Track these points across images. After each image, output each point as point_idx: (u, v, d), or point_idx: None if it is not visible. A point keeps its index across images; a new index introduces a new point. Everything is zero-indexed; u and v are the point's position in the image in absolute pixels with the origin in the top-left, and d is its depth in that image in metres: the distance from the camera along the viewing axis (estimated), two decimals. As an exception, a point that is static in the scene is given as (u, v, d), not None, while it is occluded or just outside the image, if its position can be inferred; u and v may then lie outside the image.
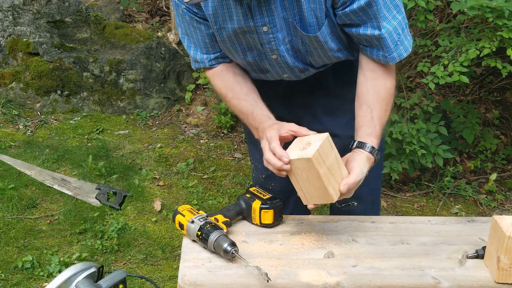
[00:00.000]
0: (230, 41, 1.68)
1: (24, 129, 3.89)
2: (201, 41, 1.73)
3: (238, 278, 1.45)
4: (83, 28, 4.43)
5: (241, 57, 1.73)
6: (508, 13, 2.63)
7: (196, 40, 1.74)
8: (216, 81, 1.81)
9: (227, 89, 1.79)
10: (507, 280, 1.45)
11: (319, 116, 1.94)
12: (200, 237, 1.53)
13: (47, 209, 3.09)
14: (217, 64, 1.78)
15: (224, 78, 1.79)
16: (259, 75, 1.83)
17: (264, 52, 1.70)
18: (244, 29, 1.63)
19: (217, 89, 1.82)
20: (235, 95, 1.77)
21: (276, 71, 1.78)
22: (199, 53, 1.76)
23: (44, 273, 2.60)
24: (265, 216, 1.66)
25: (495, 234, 1.46)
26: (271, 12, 1.59)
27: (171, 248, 2.85)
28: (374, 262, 1.52)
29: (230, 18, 1.61)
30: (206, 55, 1.76)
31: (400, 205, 3.34)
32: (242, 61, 1.76)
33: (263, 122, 1.68)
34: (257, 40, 1.66)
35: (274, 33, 1.64)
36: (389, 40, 1.63)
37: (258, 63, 1.75)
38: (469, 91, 4.21)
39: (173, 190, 3.36)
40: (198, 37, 1.72)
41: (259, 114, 1.72)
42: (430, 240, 1.64)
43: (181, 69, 4.43)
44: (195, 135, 3.97)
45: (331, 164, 1.51)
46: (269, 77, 1.83)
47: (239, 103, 1.76)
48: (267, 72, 1.80)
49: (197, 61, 1.78)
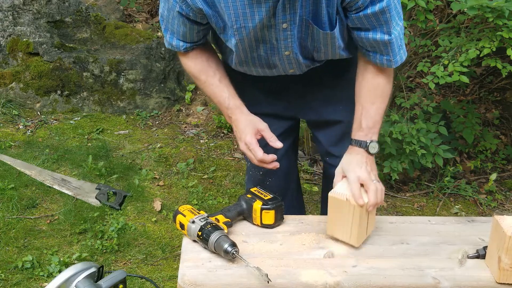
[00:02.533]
0: (247, 38, 1.69)
1: (24, 129, 3.89)
2: (181, 33, 1.77)
3: (238, 278, 1.45)
4: (83, 28, 4.43)
5: (253, 51, 1.75)
6: (508, 13, 2.63)
7: (175, 30, 1.77)
8: (189, 63, 1.86)
9: (200, 72, 1.85)
10: (508, 281, 1.45)
11: (315, 107, 1.99)
12: (200, 237, 1.53)
13: (47, 209, 3.09)
14: (192, 49, 1.83)
15: (197, 61, 1.85)
16: (264, 70, 1.84)
17: (277, 47, 1.72)
18: (264, 25, 1.64)
19: (190, 70, 1.87)
20: (208, 80, 1.84)
21: (284, 66, 1.80)
22: (175, 39, 1.80)
23: (44, 273, 2.60)
24: (266, 217, 1.66)
25: (496, 234, 1.46)
26: (294, 10, 1.61)
27: (171, 248, 2.85)
28: (374, 262, 1.52)
29: (252, 17, 1.62)
30: (182, 42, 1.80)
31: (400, 205, 3.34)
32: (250, 55, 1.77)
33: (235, 110, 1.80)
34: (273, 35, 1.68)
35: (292, 30, 1.66)
36: (395, 45, 1.69)
37: (268, 58, 1.77)
38: (469, 91, 4.21)
39: (173, 190, 3.36)
40: (179, 29, 1.76)
41: (232, 102, 1.80)
42: (430, 240, 1.64)
43: (181, 69, 4.43)
44: (195, 135, 3.97)
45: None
46: (274, 73, 1.85)
47: (212, 88, 1.84)
48: (274, 67, 1.82)
49: (172, 45, 1.82)
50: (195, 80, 1.89)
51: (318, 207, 3.23)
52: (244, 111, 1.80)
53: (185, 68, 1.90)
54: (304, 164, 3.61)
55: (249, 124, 1.77)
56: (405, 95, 3.42)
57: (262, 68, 1.83)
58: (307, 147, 3.68)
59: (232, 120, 1.81)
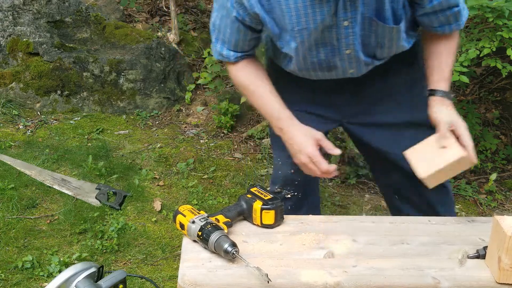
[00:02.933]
0: (308, 40, 1.69)
1: (24, 129, 3.89)
2: (233, 42, 1.77)
3: (238, 278, 1.45)
4: (83, 28, 4.43)
5: (313, 54, 1.75)
6: (508, 13, 2.63)
7: (227, 39, 1.77)
8: (239, 73, 1.85)
9: (249, 83, 1.84)
10: (508, 281, 1.45)
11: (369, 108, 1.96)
12: (200, 237, 1.52)
13: (47, 209, 3.09)
14: (242, 59, 1.82)
15: (246, 71, 1.84)
16: (323, 73, 1.83)
17: (338, 47, 1.72)
18: (325, 24, 1.64)
19: (239, 80, 1.86)
20: (258, 90, 1.83)
21: (344, 67, 1.79)
22: (226, 49, 1.80)
23: (44, 273, 2.60)
24: (266, 217, 1.66)
25: (496, 234, 1.46)
26: (355, 7, 1.62)
27: (171, 248, 2.85)
28: (374, 262, 1.52)
29: (314, 18, 1.62)
30: (233, 52, 1.80)
31: (400, 205, 3.34)
32: (310, 60, 1.77)
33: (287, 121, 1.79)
34: (334, 35, 1.68)
35: (354, 28, 1.66)
36: (462, 10, 1.76)
37: (328, 59, 1.76)
38: (469, 91, 4.21)
39: (173, 190, 3.36)
40: (231, 38, 1.76)
41: (283, 113, 1.79)
42: (430, 240, 1.64)
43: (181, 69, 4.43)
44: (195, 135, 3.97)
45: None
46: (333, 75, 1.84)
47: (262, 99, 1.83)
48: (334, 69, 1.81)
49: (223, 55, 1.82)
50: (243, 90, 1.89)
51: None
52: (296, 122, 1.79)
53: (233, 79, 1.90)
54: (304, 164, 3.61)
55: (307, 135, 1.76)
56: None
57: (322, 72, 1.82)
58: (307, 147, 3.67)
59: (284, 131, 1.79)
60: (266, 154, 3.71)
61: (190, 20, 5.17)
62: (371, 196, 3.41)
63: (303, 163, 1.77)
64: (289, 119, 1.79)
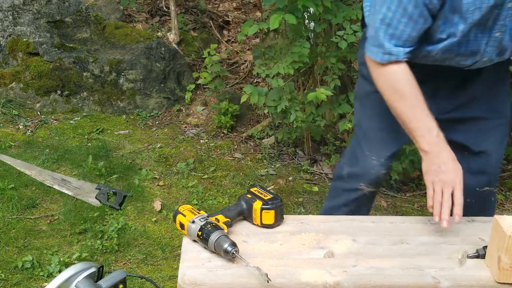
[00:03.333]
0: (474, 21, 1.63)
1: (24, 129, 3.89)
2: (405, 35, 1.67)
3: (238, 277, 1.45)
4: (83, 28, 4.43)
5: (468, 37, 1.68)
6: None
7: (398, 33, 1.67)
8: (399, 77, 1.72)
9: (410, 89, 1.71)
10: (508, 280, 1.45)
11: (463, 104, 1.93)
12: (200, 237, 1.53)
13: (47, 209, 3.09)
14: (406, 59, 1.72)
15: (408, 75, 1.71)
16: (462, 58, 1.77)
17: (490, 29, 1.66)
18: (495, 4, 1.60)
19: (398, 83, 1.73)
20: (416, 99, 1.70)
21: (485, 51, 1.73)
22: (394, 46, 1.68)
23: (44, 273, 2.60)
24: (266, 217, 1.66)
25: (496, 234, 1.46)
26: None
27: (171, 248, 2.85)
28: (374, 262, 1.52)
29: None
30: (402, 48, 1.69)
31: (400, 205, 3.34)
32: (462, 43, 1.70)
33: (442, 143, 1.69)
34: (493, 16, 1.63)
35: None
36: None
37: (477, 42, 1.70)
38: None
39: (173, 190, 3.36)
40: (405, 29, 1.66)
41: (440, 132, 1.69)
42: (430, 240, 1.64)
43: (181, 69, 4.43)
44: (195, 135, 3.97)
45: None
46: (467, 62, 1.78)
47: (417, 110, 1.70)
48: (474, 54, 1.75)
49: (391, 53, 1.69)
50: (394, 94, 1.74)
51: (318, 207, 3.23)
52: (448, 146, 1.69)
53: (388, 80, 1.75)
54: (304, 164, 3.61)
55: (458, 165, 1.68)
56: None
57: (461, 57, 1.76)
58: (307, 147, 3.68)
59: (435, 152, 1.68)
60: (266, 154, 3.71)
61: (190, 20, 5.17)
62: (371, 196, 3.41)
63: (435, 191, 1.67)
64: (443, 141, 1.69)
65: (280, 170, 3.60)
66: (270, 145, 3.80)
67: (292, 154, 3.74)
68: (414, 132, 1.71)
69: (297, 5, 2.92)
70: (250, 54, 4.77)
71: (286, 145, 3.81)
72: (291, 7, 2.99)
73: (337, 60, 3.18)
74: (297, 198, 3.32)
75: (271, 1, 3.03)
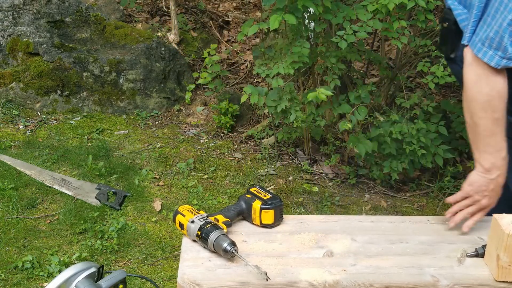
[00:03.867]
0: None
1: (24, 129, 3.89)
2: None
3: (237, 277, 1.45)
4: (83, 28, 4.43)
5: None
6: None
7: None
8: (502, 90, 1.62)
9: (502, 106, 1.62)
10: (507, 278, 1.45)
11: None
12: (200, 236, 1.53)
13: (47, 209, 3.10)
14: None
15: (506, 90, 1.61)
16: None
17: None
18: None
19: (497, 95, 1.62)
20: (501, 114, 1.62)
21: None
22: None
23: (44, 273, 2.60)
24: (265, 216, 1.66)
25: (495, 233, 1.46)
26: None
27: (171, 248, 2.85)
28: (373, 261, 1.53)
29: None
30: None
31: (400, 205, 3.35)
32: None
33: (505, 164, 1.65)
34: None
35: None
36: None
37: None
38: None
39: (173, 190, 3.36)
40: None
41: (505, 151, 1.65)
42: (429, 239, 1.64)
43: (181, 69, 4.43)
44: (195, 135, 3.97)
45: None
46: None
47: (497, 124, 1.63)
48: None
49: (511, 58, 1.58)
50: (489, 105, 1.63)
51: (318, 207, 3.23)
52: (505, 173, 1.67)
53: (493, 89, 1.62)
54: (304, 164, 3.61)
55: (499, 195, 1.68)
56: (405, 95, 3.43)
57: None
58: (307, 147, 3.68)
59: (494, 174, 1.66)
60: (266, 154, 3.71)
61: (190, 20, 5.17)
62: (371, 196, 3.41)
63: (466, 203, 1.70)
64: (505, 166, 1.65)
65: (280, 170, 3.60)
66: (270, 145, 3.81)
67: (292, 154, 3.75)
68: (484, 146, 1.65)
69: (297, 5, 2.92)
70: (250, 54, 4.77)
71: (286, 145, 3.81)
72: (291, 7, 2.99)
73: (337, 60, 3.18)
74: (297, 198, 3.33)
75: (271, 1, 3.03)
